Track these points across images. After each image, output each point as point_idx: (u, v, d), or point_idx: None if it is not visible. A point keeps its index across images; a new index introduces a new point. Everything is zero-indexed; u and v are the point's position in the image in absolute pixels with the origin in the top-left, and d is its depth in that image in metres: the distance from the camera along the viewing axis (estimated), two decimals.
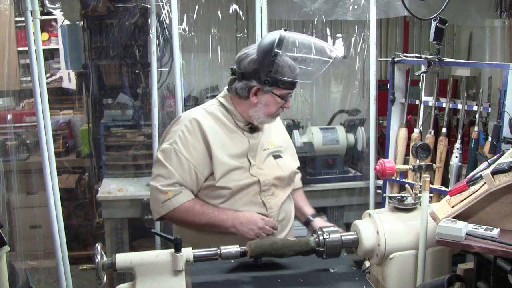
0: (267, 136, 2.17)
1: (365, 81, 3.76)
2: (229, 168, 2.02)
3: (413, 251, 1.75)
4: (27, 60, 2.65)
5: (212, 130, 2.03)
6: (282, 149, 2.20)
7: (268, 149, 2.14)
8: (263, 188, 2.07)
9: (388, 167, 1.84)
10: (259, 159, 2.10)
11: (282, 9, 3.51)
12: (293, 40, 1.97)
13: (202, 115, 2.06)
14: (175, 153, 2.00)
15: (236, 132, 2.08)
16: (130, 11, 3.31)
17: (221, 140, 2.04)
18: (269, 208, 2.07)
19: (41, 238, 3.75)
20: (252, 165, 2.08)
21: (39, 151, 2.58)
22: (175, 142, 2.01)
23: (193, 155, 2.00)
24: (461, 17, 3.52)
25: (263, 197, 2.07)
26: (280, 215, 2.10)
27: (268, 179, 2.08)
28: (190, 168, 2.00)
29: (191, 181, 2.01)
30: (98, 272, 1.57)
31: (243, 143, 2.07)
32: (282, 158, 2.17)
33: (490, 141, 2.39)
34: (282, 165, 2.15)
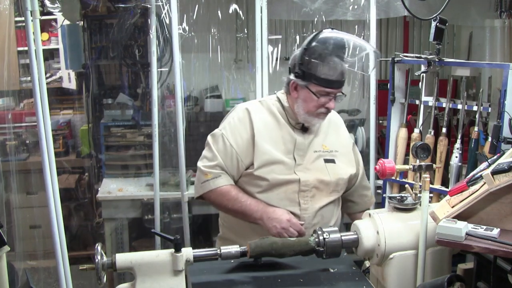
0: (321, 139, 2.16)
1: (365, 81, 3.75)
2: (270, 159, 2.05)
3: (413, 251, 1.75)
4: (27, 60, 2.65)
5: (262, 122, 2.09)
6: (338, 154, 2.16)
7: (319, 151, 2.13)
8: (303, 188, 2.07)
9: (388, 167, 1.84)
10: (308, 160, 2.10)
11: (282, 9, 3.51)
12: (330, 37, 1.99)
13: (255, 106, 2.14)
14: (222, 138, 2.10)
15: (286, 129, 2.11)
16: (130, 11, 3.31)
17: (269, 133, 2.08)
18: (303, 209, 2.07)
19: (41, 238, 3.75)
20: (298, 163, 2.09)
21: (39, 151, 2.57)
22: (224, 128, 2.12)
23: (238, 142, 2.08)
24: (461, 17, 3.52)
25: (301, 198, 2.07)
26: (315, 219, 2.09)
27: (310, 180, 2.08)
28: (233, 154, 2.07)
29: (232, 166, 2.08)
30: (98, 272, 1.57)
31: (291, 140, 2.09)
32: (334, 164, 2.14)
33: (490, 141, 2.39)
34: (331, 170, 2.12)
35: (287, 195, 2.07)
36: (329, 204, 2.14)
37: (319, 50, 1.96)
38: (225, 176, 2.08)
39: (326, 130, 2.19)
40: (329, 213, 2.16)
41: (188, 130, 3.12)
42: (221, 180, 2.08)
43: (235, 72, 3.84)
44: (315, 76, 1.97)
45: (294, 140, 2.10)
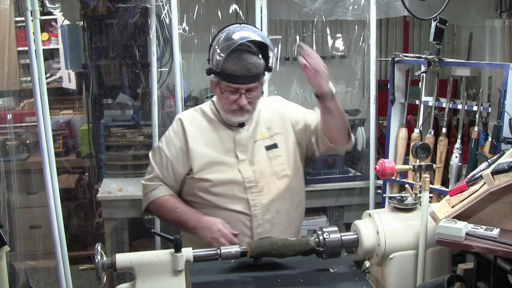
0: (259, 126, 2.14)
1: (365, 81, 3.76)
2: (208, 161, 2.06)
3: (413, 251, 1.75)
4: (27, 60, 2.65)
5: (196, 128, 2.11)
6: (279, 136, 2.14)
7: (259, 140, 2.12)
8: (248, 185, 2.06)
9: (388, 167, 1.84)
10: (252, 153, 2.10)
11: (282, 9, 3.51)
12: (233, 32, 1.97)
13: (189, 115, 2.17)
14: (158, 150, 2.16)
15: (222, 130, 2.11)
16: (130, 11, 3.31)
17: (205, 137, 2.10)
18: (253, 206, 2.06)
19: (41, 238, 3.75)
20: (242, 160, 2.08)
21: (39, 151, 2.58)
22: (161, 141, 2.18)
23: (172, 152, 2.11)
24: (461, 17, 3.52)
25: (249, 194, 2.06)
26: (268, 214, 2.07)
27: (253, 175, 2.07)
28: (168, 164, 2.11)
29: (169, 176, 2.12)
30: (98, 272, 1.57)
31: (229, 139, 2.10)
32: (277, 149, 2.12)
33: (490, 141, 2.39)
34: (273, 157, 2.11)
35: (234, 194, 2.06)
36: (281, 195, 2.10)
37: (222, 45, 1.95)
38: (162, 187, 2.12)
39: (263, 116, 2.16)
40: (284, 205, 2.12)
41: None
42: (158, 191, 2.12)
43: None
44: (221, 72, 1.97)
45: (233, 138, 2.10)
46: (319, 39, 3.88)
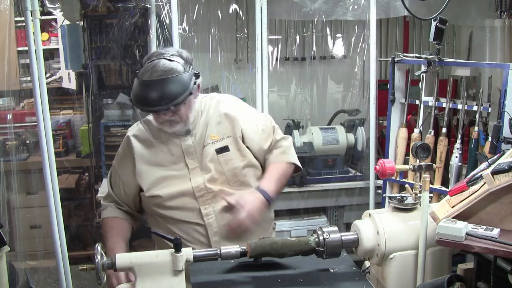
0: (207, 130, 2.06)
1: (365, 81, 3.76)
2: (157, 177, 2.02)
3: (413, 251, 1.75)
4: (27, 60, 2.65)
5: (142, 143, 2.08)
6: (230, 139, 2.06)
7: (209, 144, 2.04)
8: (198, 194, 2.00)
9: (388, 167, 1.84)
10: (202, 159, 2.03)
11: (282, 9, 3.51)
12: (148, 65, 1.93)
13: (137, 130, 2.13)
14: (113, 169, 2.17)
15: (169, 139, 2.06)
16: (130, 11, 3.30)
17: (151, 151, 2.06)
18: (206, 215, 2.01)
19: (41, 238, 3.75)
20: (192, 168, 2.03)
21: (39, 151, 2.58)
22: (115, 158, 2.18)
23: (123, 171, 2.11)
24: (461, 17, 3.52)
25: (201, 204, 2.01)
26: (223, 221, 2.00)
27: (203, 183, 2.00)
28: (120, 183, 2.12)
29: (121, 194, 2.12)
30: (98, 272, 1.57)
31: (177, 148, 2.05)
32: (227, 152, 2.04)
33: (490, 141, 2.39)
34: (223, 162, 2.03)
35: (186, 205, 2.01)
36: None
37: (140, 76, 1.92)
38: (110, 209, 2.12)
39: (213, 118, 2.08)
40: None
41: None
42: (106, 212, 2.13)
43: (235, 72, 3.84)
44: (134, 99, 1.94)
45: (179, 146, 2.04)
46: (319, 39, 3.88)
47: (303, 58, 3.91)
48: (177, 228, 2.03)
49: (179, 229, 2.02)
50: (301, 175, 3.28)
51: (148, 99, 1.87)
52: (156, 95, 1.86)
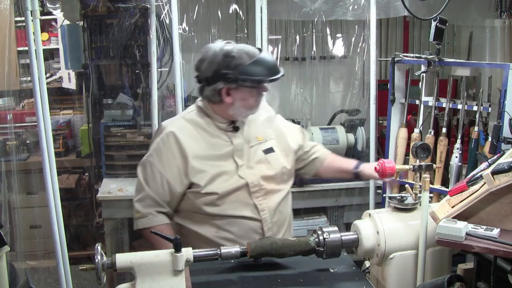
0: (253, 130, 2.12)
1: (365, 81, 3.75)
2: (213, 174, 2.01)
3: (413, 251, 1.75)
4: (27, 60, 2.65)
5: (191, 139, 2.04)
6: (274, 141, 2.15)
7: (255, 145, 2.10)
8: (253, 190, 2.03)
9: (388, 167, 1.85)
10: (249, 158, 2.07)
11: (282, 9, 3.51)
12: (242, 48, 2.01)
13: (180, 126, 2.07)
14: (150, 166, 2.06)
15: (217, 136, 2.07)
16: (130, 11, 3.30)
17: (201, 148, 2.04)
18: (261, 210, 2.04)
19: (41, 238, 3.74)
20: (240, 165, 2.05)
21: (39, 151, 2.57)
22: (151, 155, 2.07)
23: (167, 169, 2.03)
24: (461, 17, 3.52)
25: (255, 199, 2.04)
26: (275, 217, 2.06)
27: (257, 179, 2.05)
28: (163, 181, 2.03)
29: (164, 193, 2.04)
30: (98, 272, 1.57)
31: (226, 145, 2.06)
32: (274, 153, 2.12)
33: (490, 141, 2.39)
34: (272, 161, 2.10)
35: (241, 201, 2.03)
36: (284, 198, 2.11)
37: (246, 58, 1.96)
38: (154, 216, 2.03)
39: (254, 121, 2.15)
40: (285, 207, 2.13)
41: None
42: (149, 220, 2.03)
43: None
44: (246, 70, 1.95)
45: (230, 143, 2.06)
46: (319, 39, 3.88)
47: (303, 58, 3.91)
48: (228, 223, 2.02)
49: (231, 225, 2.02)
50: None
51: (274, 67, 2.00)
52: (273, 63, 2.02)
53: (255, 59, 1.95)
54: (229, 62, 1.95)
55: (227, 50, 1.96)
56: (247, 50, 1.98)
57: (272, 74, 1.98)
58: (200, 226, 2.06)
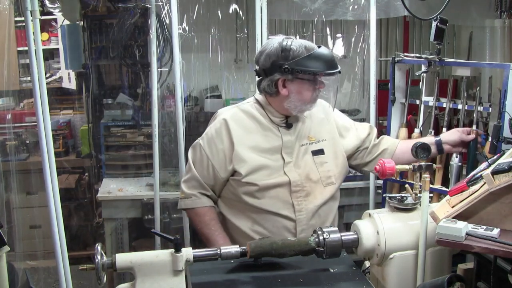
0: (306, 130, 2.13)
1: (365, 81, 3.76)
2: (256, 165, 2.04)
3: (413, 251, 1.74)
4: (27, 60, 2.65)
5: (241, 128, 2.08)
6: (326, 143, 2.15)
7: (306, 145, 2.11)
8: (294, 189, 2.05)
9: (388, 167, 1.84)
10: (297, 156, 2.08)
11: (282, 9, 3.51)
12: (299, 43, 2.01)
13: (233, 114, 2.12)
14: (199, 148, 2.12)
15: (269, 129, 2.09)
16: (130, 11, 3.31)
17: (251, 138, 2.07)
18: (298, 211, 2.05)
19: (41, 238, 3.75)
20: (287, 162, 2.06)
21: (39, 151, 2.57)
22: (202, 138, 2.14)
23: (214, 154, 2.08)
24: (461, 17, 3.52)
25: (294, 199, 2.05)
26: (312, 220, 2.07)
27: (300, 179, 2.05)
28: (209, 165, 2.08)
29: (209, 176, 2.10)
30: (98, 272, 1.57)
31: (276, 140, 2.08)
32: (323, 155, 2.12)
33: (490, 141, 2.39)
34: (319, 164, 2.10)
35: (280, 198, 2.05)
36: (326, 202, 2.11)
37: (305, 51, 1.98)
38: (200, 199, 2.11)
39: (310, 120, 2.16)
40: (326, 211, 2.13)
41: (188, 130, 3.12)
42: (195, 202, 2.12)
43: (235, 72, 3.84)
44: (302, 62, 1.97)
45: (280, 138, 2.08)
46: (319, 39, 3.88)
47: None
48: (264, 218, 2.05)
49: (266, 220, 2.05)
50: None
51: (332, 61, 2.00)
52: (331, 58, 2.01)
53: (312, 52, 1.97)
54: (287, 54, 1.97)
55: (286, 43, 1.98)
56: (306, 44, 1.99)
57: (328, 68, 1.98)
58: (238, 217, 2.11)
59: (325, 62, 1.98)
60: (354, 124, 2.31)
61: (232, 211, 2.14)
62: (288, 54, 1.97)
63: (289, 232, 2.07)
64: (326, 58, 1.99)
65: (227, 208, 2.16)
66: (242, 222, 2.10)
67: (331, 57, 2.02)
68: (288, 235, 2.05)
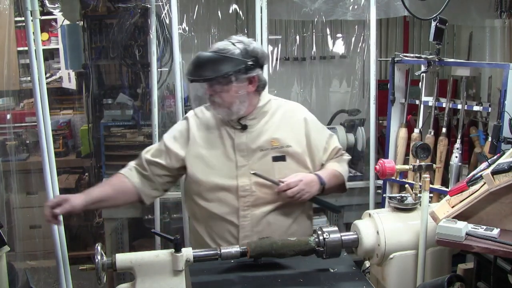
0: (270, 134, 2.05)
1: (365, 81, 3.75)
2: (204, 162, 2.03)
3: (413, 251, 1.75)
4: (27, 60, 2.65)
5: (199, 126, 2.09)
6: (290, 149, 2.04)
7: (267, 150, 2.03)
8: (242, 194, 1.99)
9: (388, 167, 1.85)
10: (254, 160, 2.02)
11: (282, 9, 3.51)
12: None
13: (197, 112, 2.14)
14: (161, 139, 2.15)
15: (225, 129, 2.06)
16: (130, 11, 3.31)
17: (207, 136, 2.07)
18: (242, 216, 2.00)
19: (41, 238, 3.75)
20: (241, 165, 2.01)
21: (39, 151, 2.58)
22: (167, 131, 2.17)
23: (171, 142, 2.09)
24: (461, 17, 3.52)
25: (241, 203, 2.00)
26: (259, 226, 2.01)
27: (250, 184, 1.99)
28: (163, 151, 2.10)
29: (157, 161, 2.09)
30: (98, 272, 1.57)
31: (230, 140, 2.05)
32: (284, 162, 2.03)
33: (490, 141, 2.39)
34: (277, 170, 2.01)
35: (227, 202, 2.00)
36: (278, 209, 2.02)
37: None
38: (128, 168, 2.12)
39: (278, 123, 2.07)
40: (280, 218, 2.04)
41: None
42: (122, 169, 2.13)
43: None
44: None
45: (233, 140, 2.04)
46: (319, 39, 3.88)
47: (303, 58, 3.91)
48: (211, 221, 2.04)
49: (213, 223, 2.03)
50: None
51: (194, 68, 1.95)
52: (200, 66, 1.95)
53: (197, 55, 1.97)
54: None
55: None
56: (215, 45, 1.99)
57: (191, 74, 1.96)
58: (195, 217, 2.11)
59: (191, 66, 1.96)
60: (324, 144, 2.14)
61: (192, 214, 2.14)
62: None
63: (233, 237, 2.01)
64: (193, 64, 1.96)
65: (190, 212, 2.17)
66: (199, 225, 2.09)
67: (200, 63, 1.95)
68: (232, 239, 2.01)
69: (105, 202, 2.08)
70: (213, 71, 1.93)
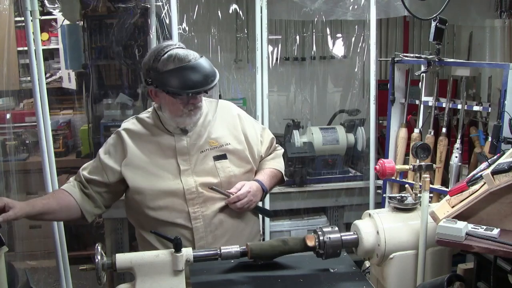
0: (208, 135, 2.05)
1: (365, 81, 3.76)
2: (143, 173, 1.99)
3: (413, 251, 1.75)
4: (27, 60, 2.65)
5: (134, 138, 2.03)
6: (230, 147, 2.06)
7: (206, 151, 2.03)
8: (189, 197, 1.99)
9: (388, 167, 1.84)
10: (195, 163, 2.02)
11: (282, 9, 3.51)
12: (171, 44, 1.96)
13: (129, 125, 2.08)
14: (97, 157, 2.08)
15: (161, 136, 2.03)
16: (130, 11, 3.31)
17: (143, 147, 2.02)
18: (194, 218, 1.99)
19: (41, 238, 3.75)
20: (184, 169, 2.00)
21: (38, 151, 2.58)
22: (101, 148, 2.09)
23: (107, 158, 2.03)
24: (461, 17, 3.52)
25: (190, 206, 1.99)
26: (210, 227, 2.01)
27: (196, 186, 1.99)
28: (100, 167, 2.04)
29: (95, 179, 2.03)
30: (98, 272, 1.57)
31: (169, 147, 2.02)
32: (225, 160, 2.04)
33: (490, 141, 2.39)
34: (220, 169, 2.03)
35: (175, 207, 1.99)
36: (228, 206, 2.03)
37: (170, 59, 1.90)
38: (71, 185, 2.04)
39: (213, 123, 2.08)
40: (229, 216, 2.05)
41: None
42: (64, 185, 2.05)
43: (235, 72, 3.84)
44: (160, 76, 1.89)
45: (173, 145, 2.02)
46: (319, 39, 3.88)
47: (303, 58, 3.91)
48: (161, 229, 1.97)
49: (166, 231, 1.95)
50: (301, 175, 3.28)
51: (196, 80, 1.89)
52: (201, 74, 1.90)
53: (180, 66, 1.88)
54: (155, 65, 1.91)
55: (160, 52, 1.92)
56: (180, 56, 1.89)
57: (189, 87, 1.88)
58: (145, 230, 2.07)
59: (188, 80, 1.88)
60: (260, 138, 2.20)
61: (139, 225, 2.12)
62: (156, 65, 1.90)
63: (187, 240, 2.00)
64: (190, 76, 1.88)
65: (137, 224, 2.14)
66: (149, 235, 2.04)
67: (204, 72, 1.90)
68: (187, 243, 1.98)
69: (46, 216, 1.97)
70: (213, 77, 1.93)
